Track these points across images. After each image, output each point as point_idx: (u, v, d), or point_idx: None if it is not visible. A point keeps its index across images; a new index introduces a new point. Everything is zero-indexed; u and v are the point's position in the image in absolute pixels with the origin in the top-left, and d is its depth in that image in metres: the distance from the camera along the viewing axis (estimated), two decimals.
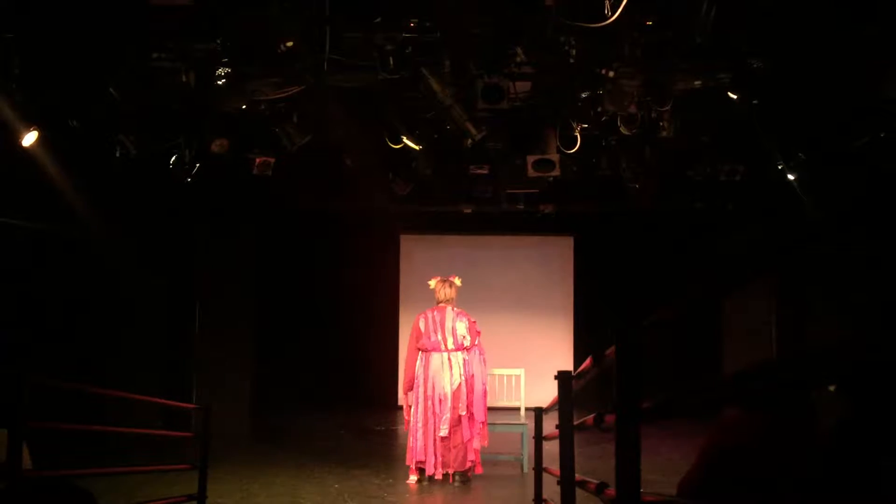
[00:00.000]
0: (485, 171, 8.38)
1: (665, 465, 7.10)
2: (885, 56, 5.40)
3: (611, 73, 5.84)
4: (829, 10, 5.15)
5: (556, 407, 4.06)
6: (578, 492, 3.70)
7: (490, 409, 7.34)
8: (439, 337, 7.13)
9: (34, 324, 7.85)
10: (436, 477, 7.02)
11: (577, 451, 3.92)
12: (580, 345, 11.81)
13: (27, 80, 5.81)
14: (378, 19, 5.06)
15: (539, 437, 5.20)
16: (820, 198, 7.70)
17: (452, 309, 7.25)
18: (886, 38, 5.24)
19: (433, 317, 7.21)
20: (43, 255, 8.12)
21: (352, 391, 11.91)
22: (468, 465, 7.10)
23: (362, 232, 11.45)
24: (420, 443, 7.07)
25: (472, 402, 7.08)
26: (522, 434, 7.60)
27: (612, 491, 2.31)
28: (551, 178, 7.70)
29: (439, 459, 7.03)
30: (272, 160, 7.58)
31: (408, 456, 7.20)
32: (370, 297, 12.11)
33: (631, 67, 5.79)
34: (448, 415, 7.02)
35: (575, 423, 3.77)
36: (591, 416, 2.70)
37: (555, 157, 7.14)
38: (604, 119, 6.77)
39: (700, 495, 2.09)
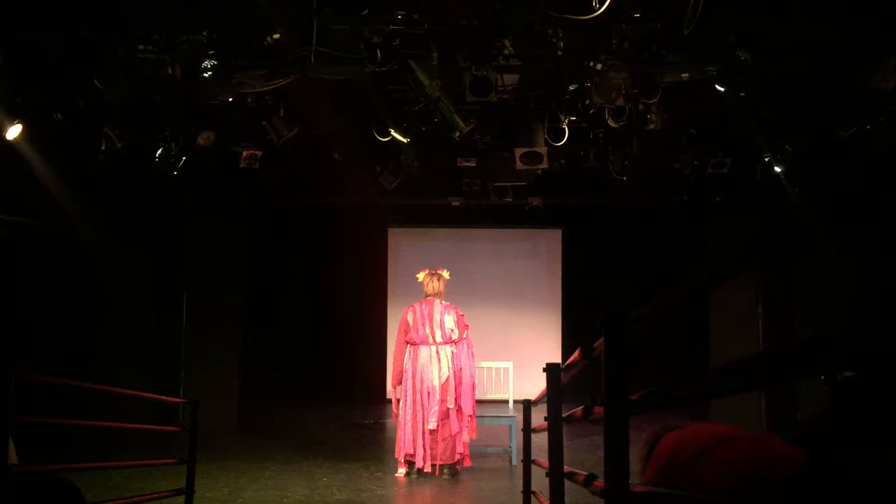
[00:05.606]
0: (473, 164, 8.37)
1: None
2: (874, 46, 5.42)
3: (598, 66, 5.84)
4: (816, 1, 5.17)
5: (545, 399, 4.07)
6: (567, 483, 3.71)
7: (478, 401, 7.36)
8: (427, 330, 7.13)
9: (17, 318, 7.79)
10: (424, 470, 7.03)
11: (565, 443, 3.93)
12: (568, 337, 11.83)
13: (11, 73, 5.76)
14: (365, 12, 5.03)
15: (528, 430, 5.21)
16: (807, 190, 7.73)
17: (440, 302, 7.25)
18: (875, 29, 5.26)
19: (421, 310, 7.21)
20: (26, 250, 8.05)
21: (340, 384, 11.91)
22: (457, 457, 7.11)
23: (350, 225, 11.43)
24: (409, 436, 7.08)
25: (461, 395, 7.09)
26: (511, 426, 7.62)
27: (600, 482, 2.31)
28: (539, 171, 7.70)
29: (428, 452, 7.04)
30: (259, 153, 7.55)
31: (396, 449, 7.21)
32: (358, 290, 12.10)
33: (619, 60, 5.79)
34: (436, 408, 7.03)
35: (563, 415, 3.77)
36: (580, 408, 2.70)
37: (543, 149, 7.14)
38: (591, 111, 6.76)
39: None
